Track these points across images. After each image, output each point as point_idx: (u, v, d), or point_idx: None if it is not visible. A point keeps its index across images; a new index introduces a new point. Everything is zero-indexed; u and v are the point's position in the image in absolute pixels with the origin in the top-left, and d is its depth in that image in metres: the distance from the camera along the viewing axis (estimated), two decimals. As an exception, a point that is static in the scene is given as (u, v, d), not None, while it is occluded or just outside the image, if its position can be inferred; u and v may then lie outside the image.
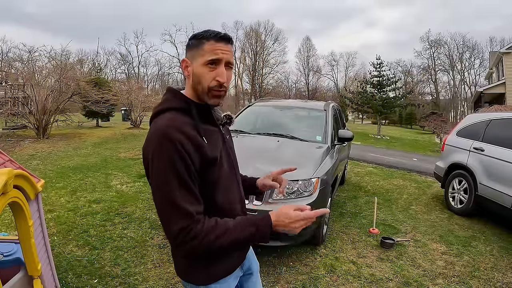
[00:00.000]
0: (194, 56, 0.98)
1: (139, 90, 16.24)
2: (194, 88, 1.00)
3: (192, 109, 0.98)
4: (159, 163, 0.89)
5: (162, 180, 0.89)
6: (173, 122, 0.93)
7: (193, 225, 0.88)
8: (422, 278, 2.76)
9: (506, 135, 4.09)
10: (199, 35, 0.98)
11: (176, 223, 0.88)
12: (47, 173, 5.70)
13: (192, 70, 0.99)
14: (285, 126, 4.06)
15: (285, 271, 2.76)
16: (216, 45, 0.96)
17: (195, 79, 0.98)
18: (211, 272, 1.04)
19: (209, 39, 0.96)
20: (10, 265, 1.83)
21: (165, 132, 0.90)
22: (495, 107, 13.92)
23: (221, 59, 0.96)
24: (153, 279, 2.55)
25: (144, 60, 52.20)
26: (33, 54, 11.48)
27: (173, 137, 0.89)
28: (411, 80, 46.93)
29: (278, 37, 47.90)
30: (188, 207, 0.89)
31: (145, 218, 3.77)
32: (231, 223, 0.94)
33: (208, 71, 0.96)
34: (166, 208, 0.90)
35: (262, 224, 0.94)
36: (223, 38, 0.97)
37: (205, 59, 0.95)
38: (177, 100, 1.00)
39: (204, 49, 0.96)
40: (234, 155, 1.16)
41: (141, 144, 0.97)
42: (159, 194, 0.91)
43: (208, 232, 0.89)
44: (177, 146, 0.88)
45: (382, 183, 6.29)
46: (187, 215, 0.89)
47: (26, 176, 1.57)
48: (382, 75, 20.04)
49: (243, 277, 1.23)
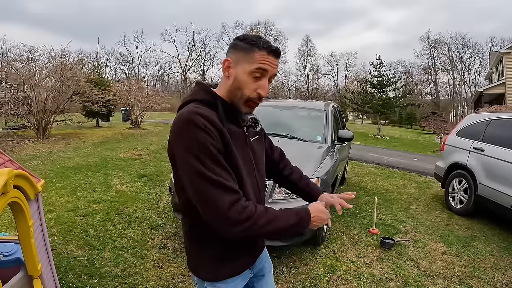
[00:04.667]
0: (239, 60, 0.95)
1: (139, 90, 16.21)
2: (231, 91, 0.97)
3: (218, 104, 0.97)
4: (188, 148, 0.87)
5: (194, 164, 0.86)
6: (197, 109, 0.91)
7: (242, 201, 0.88)
8: (422, 278, 2.76)
9: (506, 135, 4.09)
10: (251, 40, 0.95)
11: (223, 199, 0.86)
12: (47, 173, 5.70)
13: (235, 74, 0.96)
14: (285, 126, 4.06)
15: (285, 271, 2.76)
16: (267, 57, 0.94)
17: (235, 83, 0.96)
18: (219, 271, 1.04)
19: (261, 49, 0.93)
20: (10, 265, 1.83)
21: (188, 118, 0.89)
22: (495, 107, 13.93)
23: (268, 70, 0.94)
24: (153, 279, 2.55)
25: (144, 60, 52.43)
26: (33, 54, 11.45)
27: (198, 121, 0.87)
28: (411, 80, 46.98)
29: (278, 37, 48.08)
30: (230, 184, 0.88)
31: (145, 218, 3.77)
32: (277, 211, 0.96)
33: (252, 81, 0.94)
34: (208, 190, 0.86)
35: (304, 215, 0.99)
36: (275, 52, 0.95)
37: (252, 68, 0.93)
38: (204, 93, 0.99)
39: (254, 57, 0.93)
40: (256, 156, 1.11)
41: (141, 144, 0.97)
42: (196, 178, 0.87)
43: (260, 215, 0.89)
44: (202, 128, 0.87)
45: (382, 183, 6.29)
46: (232, 190, 0.87)
47: (26, 176, 1.57)
48: (382, 75, 20.06)
49: (254, 278, 1.22)
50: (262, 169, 1.15)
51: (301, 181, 1.31)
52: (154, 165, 6.59)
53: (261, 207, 0.93)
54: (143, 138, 10.87)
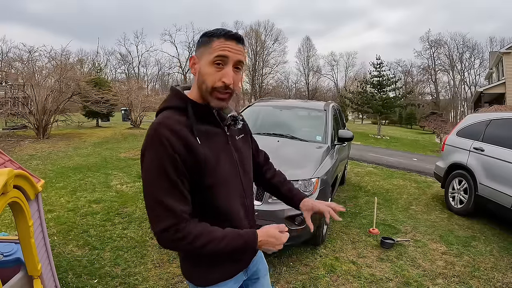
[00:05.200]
0: (202, 54, 0.95)
1: (139, 90, 16.22)
2: (199, 87, 0.96)
3: (188, 108, 0.95)
4: (148, 161, 0.90)
5: (149, 177, 0.90)
6: (166, 120, 0.92)
7: (180, 224, 0.88)
8: (422, 278, 2.76)
9: (506, 135, 4.09)
10: (209, 33, 0.95)
11: (161, 221, 0.88)
12: (47, 173, 5.70)
13: (199, 68, 0.95)
14: (285, 126, 4.06)
15: (285, 271, 2.76)
16: (225, 43, 0.92)
17: (200, 78, 0.95)
18: (210, 276, 1.04)
19: (219, 37, 0.92)
20: (10, 265, 1.83)
21: (156, 130, 0.90)
22: (495, 107, 13.92)
23: (228, 56, 0.91)
24: (153, 279, 2.55)
25: (144, 60, 52.33)
26: (33, 54, 11.47)
27: (163, 135, 0.88)
28: (411, 80, 46.95)
29: (278, 37, 47.99)
30: (174, 206, 0.88)
31: (145, 218, 3.77)
32: (219, 233, 0.93)
33: (214, 71, 0.92)
34: (153, 206, 0.89)
35: (250, 241, 0.96)
36: (233, 37, 0.93)
37: (212, 57, 0.92)
38: (175, 99, 0.99)
39: (213, 47, 0.92)
40: (242, 156, 1.09)
41: (141, 144, 0.97)
42: (146, 191, 0.91)
43: (195, 238, 0.89)
44: (165, 144, 0.87)
45: (382, 183, 6.29)
46: (173, 214, 0.88)
47: (26, 176, 1.57)
48: (382, 75, 20.04)
49: (249, 281, 1.21)
50: (248, 169, 1.12)
51: (284, 185, 1.30)
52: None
53: (198, 228, 0.90)
54: (143, 138, 10.85)
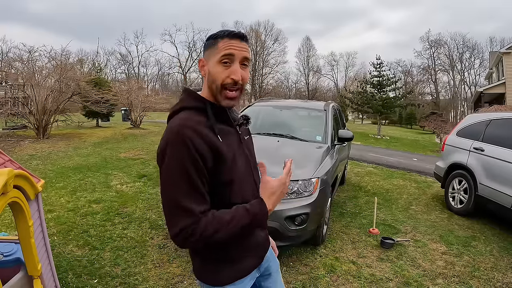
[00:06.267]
0: (209, 55, 0.99)
1: (139, 90, 16.23)
2: (209, 87, 1.00)
3: (207, 108, 0.99)
4: (169, 161, 0.90)
5: (170, 177, 0.90)
6: (187, 121, 0.93)
7: (194, 225, 0.89)
8: (422, 278, 2.76)
9: (506, 135, 4.09)
10: (213, 35, 0.99)
11: (178, 222, 0.89)
12: (47, 173, 5.70)
13: (208, 69, 0.99)
14: (285, 126, 4.06)
15: (285, 271, 2.76)
16: (230, 42, 0.96)
17: (210, 78, 0.98)
18: (226, 274, 1.04)
19: (223, 37, 0.97)
20: (10, 265, 1.83)
21: (178, 131, 0.90)
22: (495, 107, 13.93)
23: (234, 54, 0.96)
24: (153, 279, 2.55)
25: (144, 60, 52.37)
26: (33, 54, 11.48)
27: (186, 136, 0.89)
28: (411, 80, 46.93)
29: (278, 37, 48.03)
30: (193, 207, 0.89)
31: (145, 218, 3.77)
32: (227, 216, 0.94)
33: (222, 69, 0.96)
34: (171, 206, 0.91)
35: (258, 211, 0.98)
36: (237, 35, 0.98)
37: (219, 57, 0.96)
38: (192, 99, 1.01)
39: (218, 47, 0.96)
40: (252, 156, 1.15)
41: (141, 144, 0.97)
42: (166, 190, 0.91)
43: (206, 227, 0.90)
44: (188, 145, 0.89)
45: (382, 183, 6.29)
46: (191, 215, 0.89)
47: (26, 176, 1.57)
48: (382, 75, 20.02)
49: (261, 278, 1.22)
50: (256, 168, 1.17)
51: None
52: (154, 165, 6.58)
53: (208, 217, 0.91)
54: (143, 138, 10.87)
